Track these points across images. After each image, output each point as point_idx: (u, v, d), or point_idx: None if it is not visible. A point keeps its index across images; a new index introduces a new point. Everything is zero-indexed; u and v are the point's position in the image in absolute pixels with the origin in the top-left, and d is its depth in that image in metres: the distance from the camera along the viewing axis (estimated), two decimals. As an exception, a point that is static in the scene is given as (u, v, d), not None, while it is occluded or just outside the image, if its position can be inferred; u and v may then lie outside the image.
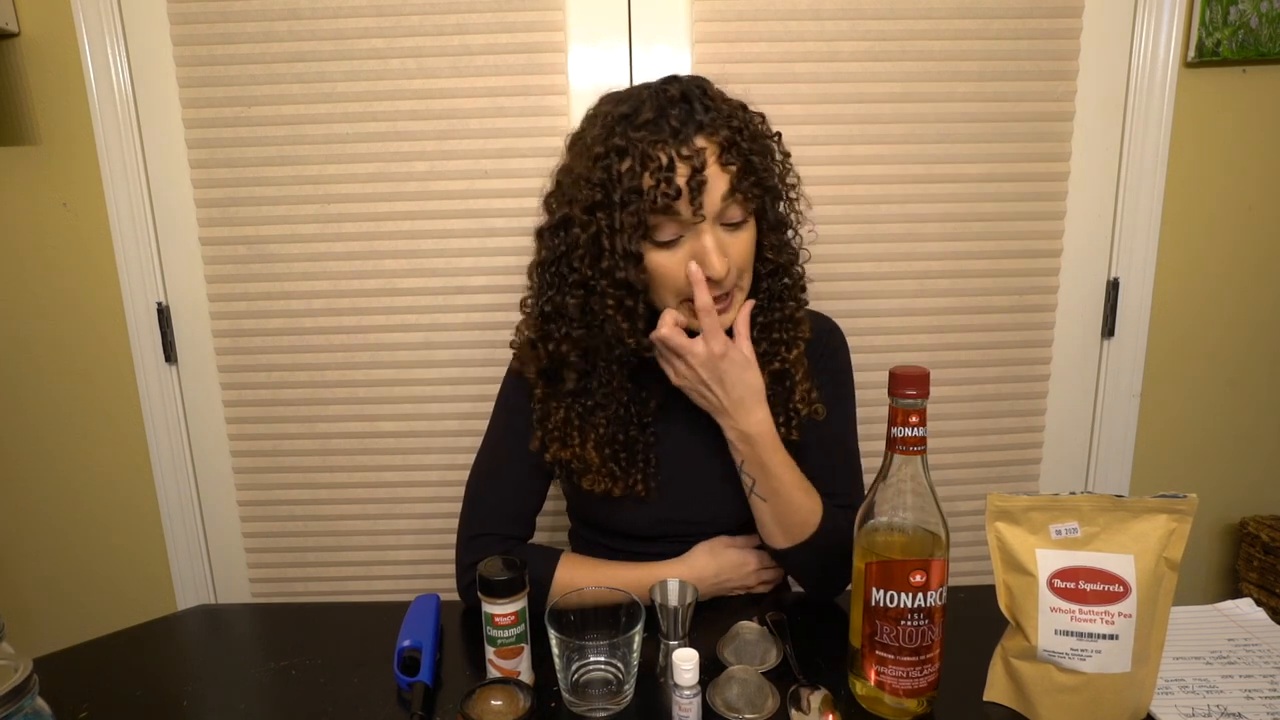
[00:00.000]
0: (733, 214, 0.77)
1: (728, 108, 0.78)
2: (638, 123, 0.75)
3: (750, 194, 0.76)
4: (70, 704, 0.70)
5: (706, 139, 0.75)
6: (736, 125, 0.76)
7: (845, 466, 0.91)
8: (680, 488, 0.88)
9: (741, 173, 0.75)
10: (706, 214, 0.75)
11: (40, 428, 1.36)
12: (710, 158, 0.74)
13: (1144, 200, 1.26)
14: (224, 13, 1.20)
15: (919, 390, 0.61)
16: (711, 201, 0.75)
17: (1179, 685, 0.67)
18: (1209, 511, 1.40)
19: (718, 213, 0.76)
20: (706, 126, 0.75)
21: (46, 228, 1.28)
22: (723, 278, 0.76)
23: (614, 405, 0.84)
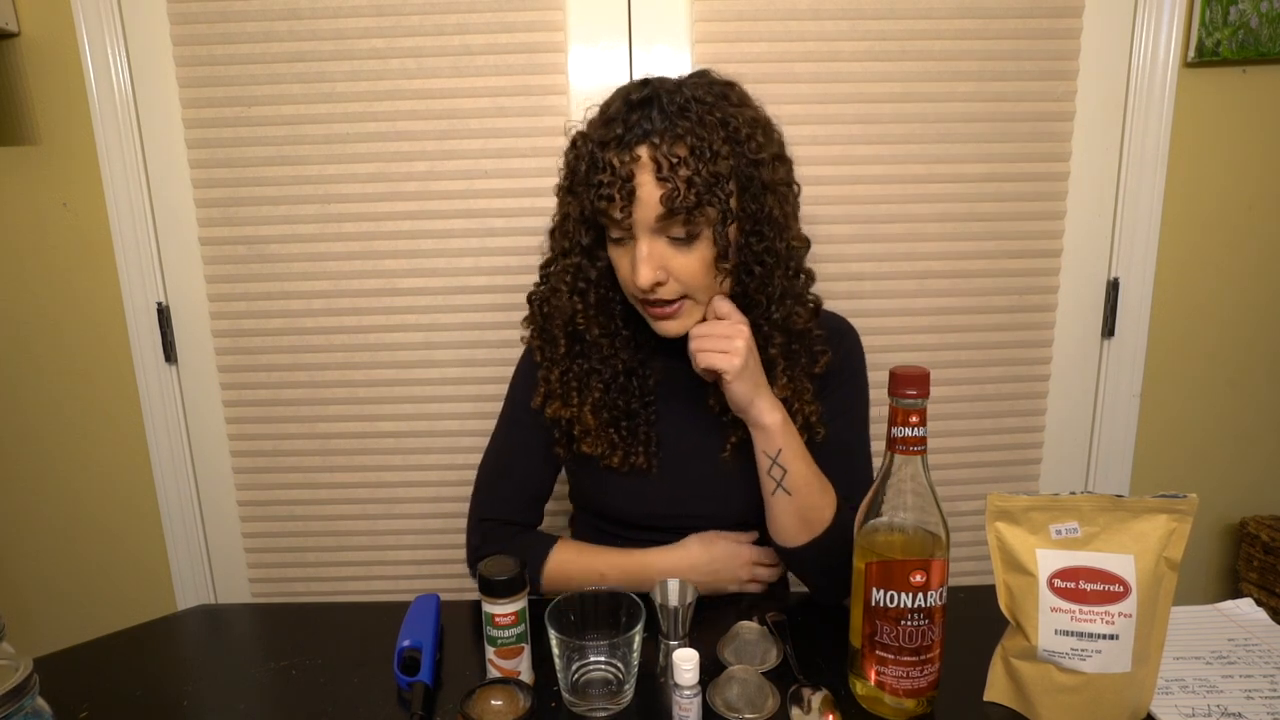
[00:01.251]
0: (674, 230, 0.75)
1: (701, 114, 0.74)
2: (602, 120, 0.77)
3: (690, 213, 0.73)
4: (70, 704, 0.70)
5: (651, 149, 0.73)
6: (700, 137, 0.73)
7: (861, 470, 0.90)
8: (682, 471, 0.88)
9: (683, 191, 0.72)
10: (637, 224, 0.75)
11: (40, 428, 1.36)
12: (645, 170, 0.73)
13: (1144, 200, 1.26)
14: (224, 13, 1.20)
15: (919, 390, 0.61)
16: (643, 213, 0.74)
17: (1179, 685, 0.67)
18: (1209, 511, 1.40)
19: (651, 225, 0.74)
20: (654, 134, 0.73)
21: (46, 228, 1.28)
22: (646, 290, 0.76)
23: (608, 371, 0.85)
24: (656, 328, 0.82)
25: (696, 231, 0.75)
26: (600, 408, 0.86)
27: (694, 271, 0.77)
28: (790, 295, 0.82)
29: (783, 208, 0.79)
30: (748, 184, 0.77)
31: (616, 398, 0.86)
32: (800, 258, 0.83)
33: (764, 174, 0.77)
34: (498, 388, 0.97)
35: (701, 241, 0.76)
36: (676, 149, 0.73)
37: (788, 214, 0.80)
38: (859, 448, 0.91)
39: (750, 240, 0.78)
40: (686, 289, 0.78)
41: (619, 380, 0.86)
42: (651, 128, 0.73)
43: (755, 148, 0.76)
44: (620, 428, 0.86)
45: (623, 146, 0.74)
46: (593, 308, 0.84)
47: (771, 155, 0.78)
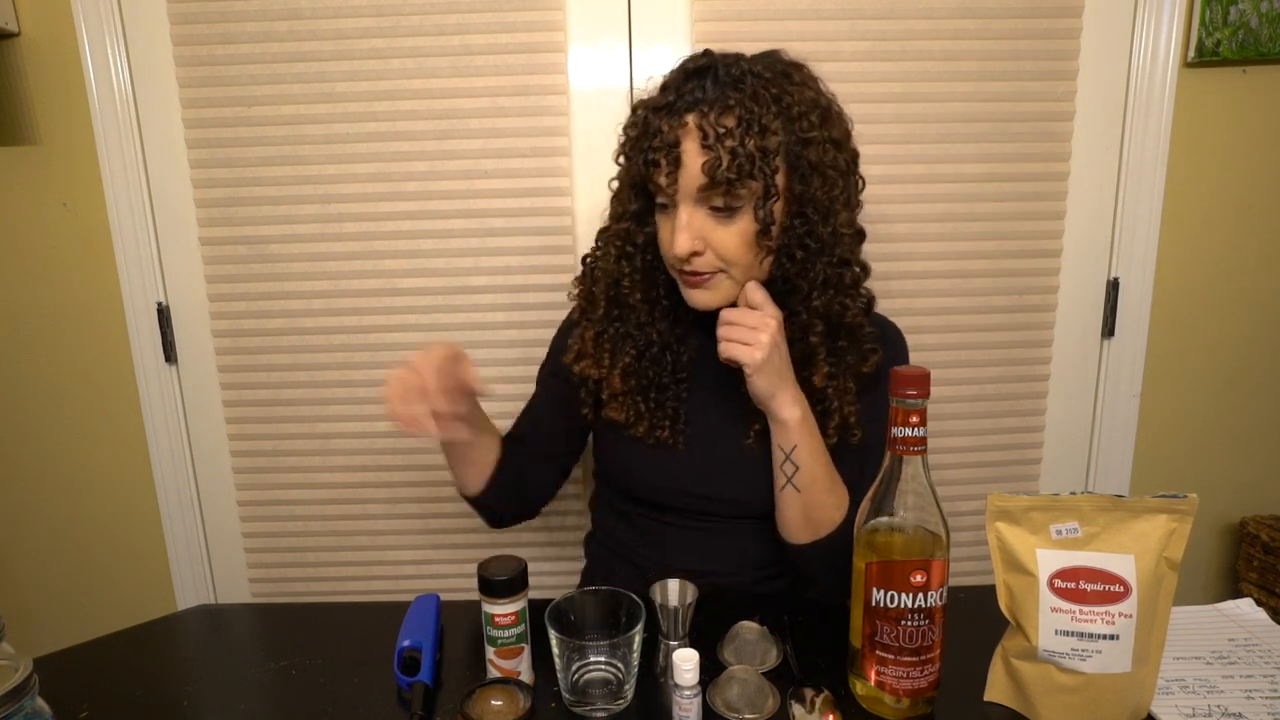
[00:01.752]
0: (715, 201, 0.75)
1: (756, 88, 0.73)
2: (659, 88, 0.78)
3: (731, 185, 0.73)
4: (70, 704, 0.70)
5: (700, 117, 0.73)
6: (750, 110, 0.72)
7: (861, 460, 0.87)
8: (708, 450, 0.87)
9: (725, 161, 0.72)
10: (679, 191, 0.76)
11: (40, 427, 1.36)
12: (691, 137, 0.73)
13: (1144, 200, 1.26)
14: (224, 13, 1.20)
15: (919, 390, 0.61)
16: (686, 180, 0.75)
17: (1179, 685, 0.67)
18: (1209, 511, 1.40)
19: (693, 194, 0.75)
20: (704, 103, 0.73)
21: (46, 228, 1.28)
22: (682, 258, 0.77)
23: (643, 339, 0.86)
24: (687, 296, 0.82)
25: (737, 204, 0.75)
26: (630, 374, 0.86)
27: (732, 246, 0.77)
28: (834, 285, 0.80)
29: (829, 192, 0.77)
30: (796, 163, 0.76)
31: (648, 367, 0.87)
32: (849, 247, 0.81)
33: (812, 154, 0.76)
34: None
35: (743, 216, 0.76)
36: (725, 119, 0.73)
37: (835, 199, 0.78)
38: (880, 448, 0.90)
39: (795, 222, 0.78)
40: (724, 263, 0.78)
41: (652, 350, 0.87)
42: (703, 96, 0.74)
43: (807, 126, 0.75)
44: (649, 398, 0.87)
45: (673, 113, 0.75)
46: (637, 272, 0.84)
47: (825, 138, 0.77)
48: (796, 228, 0.77)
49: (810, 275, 0.79)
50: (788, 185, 0.77)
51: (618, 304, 0.87)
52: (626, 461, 0.90)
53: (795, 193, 0.77)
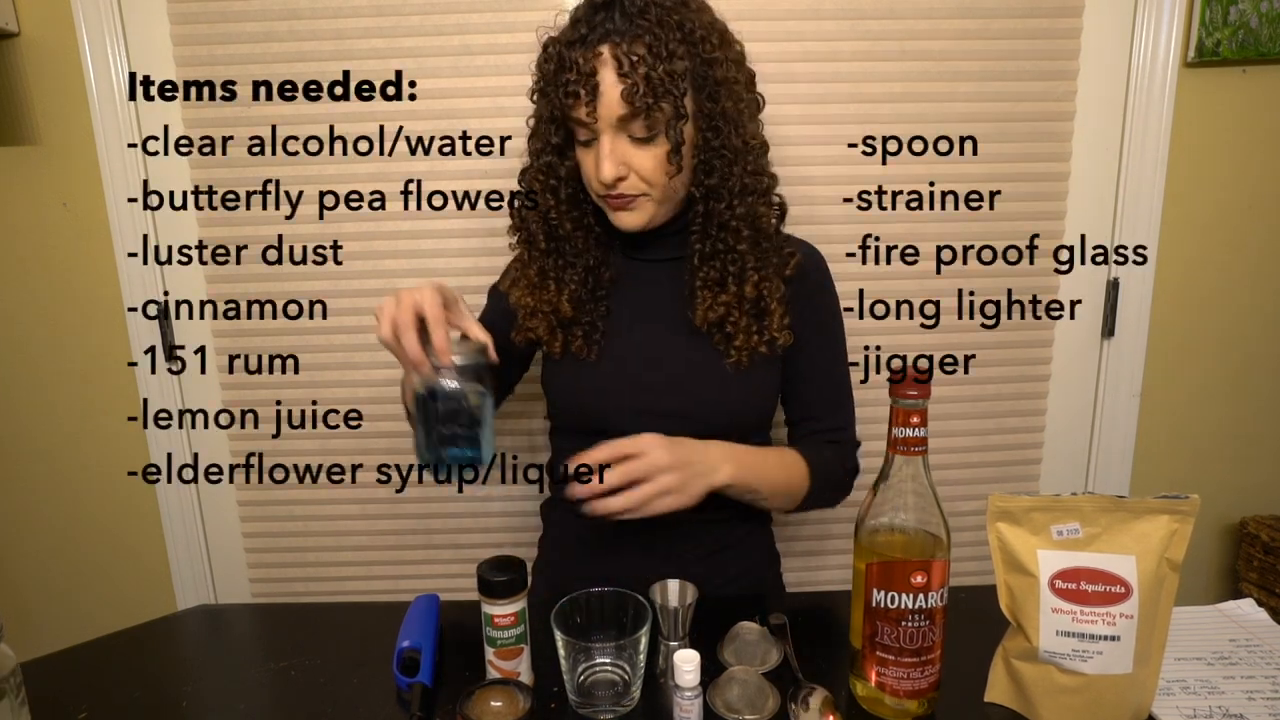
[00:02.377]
0: (635, 128, 0.78)
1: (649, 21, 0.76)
2: (572, 22, 0.80)
3: (650, 110, 0.76)
4: (70, 704, 0.70)
5: (613, 47, 0.76)
6: (658, 37, 0.76)
7: (836, 399, 0.96)
8: (623, 361, 0.90)
9: (644, 84, 0.75)
10: (600, 121, 0.78)
11: (40, 427, 1.36)
12: (608, 66, 0.76)
13: (1144, 200, 1.26)
14: (224, 13, 1.19)
15: (920, 391, 0.61)
16: (606, 109, 0.77)
17: (1180, 686, 0.67)
18: (1209, 511, 1.40)
19: (613, 122, 0.78)
20: (614, 34, 0.76)
21: (46, 228, 1.28)
22: (608, 184, 0.80)
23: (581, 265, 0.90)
24: (614, 219, 0.85)
25: (656, 129, 0.78)
26: (576, 299, 0.90)
27: (651, 167, 0.80)
28: (753, 192, 0.84)
29: (737, 105, 0.81)
30: (703, 83, 0.79)
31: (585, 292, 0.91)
32: (760, 157, 0.86)
33: (718, 72, 0.79)
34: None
35: (660, 139, 0.79)
36: (636, 47, 0.76)
37: (742, 111, 0.82)
38: (835, 374, 0.96)
39: (707, 137, 0.81)
40: (646, 184, 0.82)
41: (590, 276, 0.91)
42: (613, 27, 0.76)
43: (709, 48, 0.79)
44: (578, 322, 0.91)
45: (586, 45, 0.78)
46: (564, 203, 0.88)
47: (727, 57, 0.81)
48: (710, 141, 0.81)
49: (730, 184, 0.82)
50: (697, 105, 0.80)
51: (554, 237, 0.90)
52: (550, 385, 0.95)
53: (705, 110, 0.80)
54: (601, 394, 0.90)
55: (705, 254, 0.85)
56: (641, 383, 0.89)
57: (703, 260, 0.86)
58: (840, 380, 0.96)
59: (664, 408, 0.87)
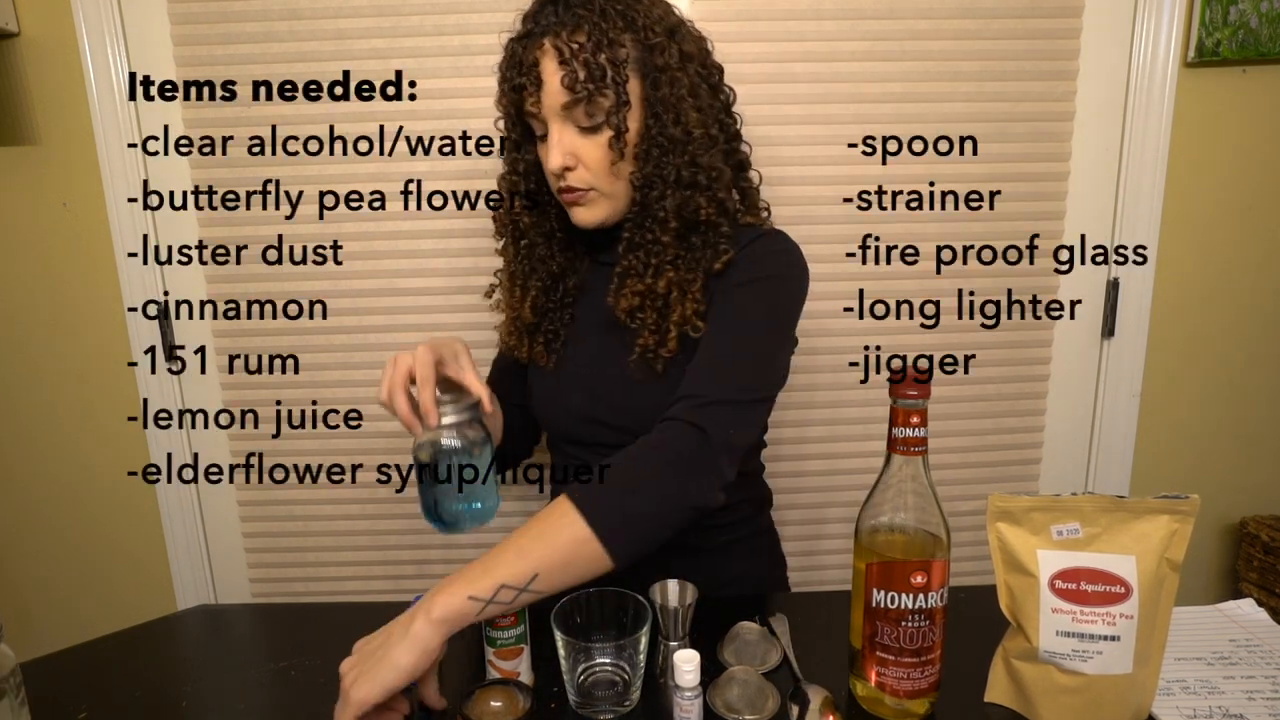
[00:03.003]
0: (579, 117, 0.79)
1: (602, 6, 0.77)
2: (520, 23, 0.82)
3: (592, 97, 0.77)
4: (69, 704, 0.70)
5: (554, 38, 0.77)
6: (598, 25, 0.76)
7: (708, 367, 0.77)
8: (577, 371, 0.90)
9: (582, 75, 0.76)
10: (546, 111, 0.79)
11: (40, 428, 1.36)
12: (549, 57, 0.77)
13: (1144, 200, 1.26)
14: (224, 13, 1.20)
15: (920, 391, 0.61)
16: (549, 99, 0.78)
17: (1180, 686, 0.67)
18: (1209, 511, 1.40)
19: (558, 111, 0.79)
20: (556, 25, 0.77)
21: (46, 228, 1.28)
22: (557, 172, 0.81)
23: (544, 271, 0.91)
24: (572, 216, 0.86)
25: (599, 116, 0.79)
26: (538, 307, 0.91)
27: (597, 157, 0.80)
28: (691, 185, 0.81)
29: (676, 92, 0.80)
30: (647, 70, 0.80)
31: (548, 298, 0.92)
32: (703, 149, 0.81)
33: (659, 60, 0.79)
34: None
35: (606, 128, 0.80)
36: (576, 36, 0.77)
37: (683, 99, 0.80)
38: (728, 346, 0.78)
39: (649, 123, 0.81)
40: (594, 178, 0.82)
41: (552, 282, 0.92)
42: (556, 20, 0.78)
43: (651, 35, 0.79)
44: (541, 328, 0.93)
45: (531, 39, 0.79)
46: (527, 199, 0.90)
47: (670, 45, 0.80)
48: (650, 128, 0.81)
49: (664, 173, 0.81)
50: (643, 94, 0.80)
51: (521, 240, 0.92)
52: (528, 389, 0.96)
53: (649, 99, 0.80)
54: (558, 403, 0.91)
55: (632, 243, 0.84)
56: (594, 392, 0.88)
57: (628, 249, 0.84)
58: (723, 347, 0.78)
59: (617, 420, 0.87)
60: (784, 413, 1.32)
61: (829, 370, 1.30)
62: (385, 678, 0.61)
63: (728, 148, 0.88)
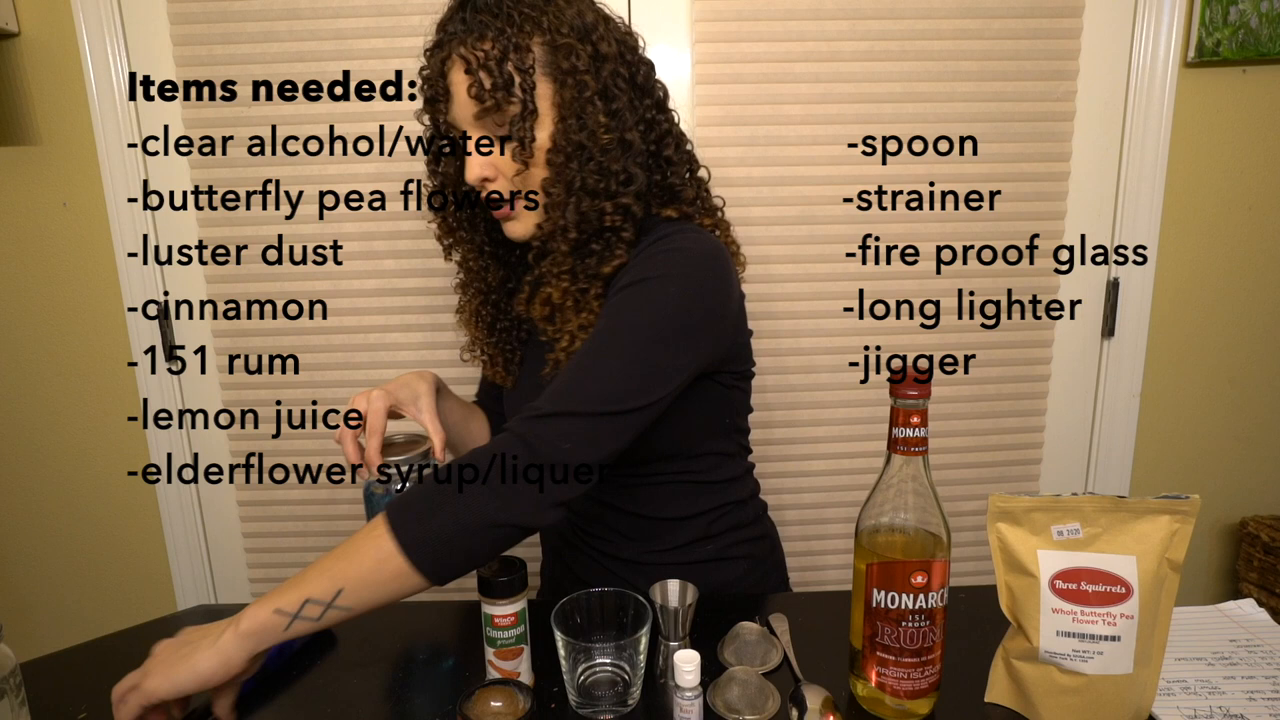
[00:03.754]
0: (489, 127, 0.78)
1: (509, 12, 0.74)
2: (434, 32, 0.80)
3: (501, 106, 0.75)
4: (70, 705, 0.70)
5: (461, 46, 0.75)
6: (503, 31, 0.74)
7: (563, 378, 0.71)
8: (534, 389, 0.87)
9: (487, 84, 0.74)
10: (459, 123, 0.78)
11: (40, 428, 1.36)
12: (456, 68, 0.76)
13: (1144, 200, 1.26)
14: (224, 13, 1.20)
15: (920, 391, 0.61)
16: (459, 110, 0.77)
17: (1181, 686, 0.67)
18: (1209, 511, 1.40)
19: (470, 123, 0.78)
20: (462, 35, 0.75)
21: (46, 228, 1.28)
22: (475, 185, 0.80)
23: (481, 283, 0.91)
24: (505, 230, 0.84)
25: (510, 126, 0.76)
26: (478, 318, 0.92)
27: (514, 166, 0.78)
28: (595, 192, 0.77)
29: (581, 94, 0.76)
30: (557, 75, 0.76)
31: (489, 311, 0.92)
32: (614, 155, 0.77)
33: (564, 63, 0.76)
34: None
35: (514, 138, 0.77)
36: (482, 44, 0.75)
37: (586, 102, 0.76)
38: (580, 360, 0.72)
39: (558, 129, 0.77)
40: (514, 187, 0.80)
41: (492, 295, 0.92)
42: (463, 27, 0.76)
43: (558, 38, 0.75)
44: (489, 342, 0.93)
45: (440, 48, 0.77)
46: (451, 219, 0.90)
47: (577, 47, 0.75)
48: (558, 135, 0.77)
49: (569, 180, 0.77)
50: (556, 100, 0.77)
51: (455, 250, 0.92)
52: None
53: (558, 104, 0.77)
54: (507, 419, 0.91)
55: (540, 252, 0.81)
56: None
57: (537, 258, 0.82)
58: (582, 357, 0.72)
59: None
60: (784, 413, 1.32)
61: (829, 370, 1.30)
62: (180, 679, 0.60)
63: (652, 149, 0.82)
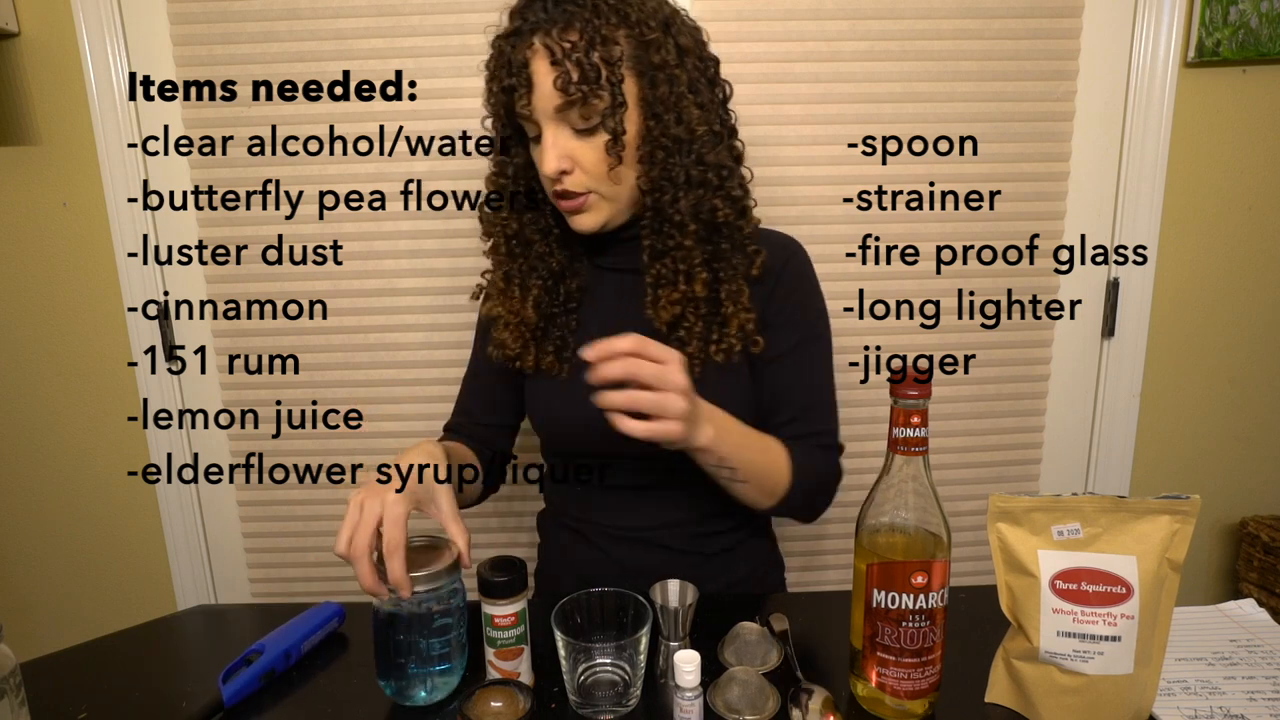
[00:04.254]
0: (573, 118, 0.76)
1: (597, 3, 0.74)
2: (508, 19, 0.78)
3: (586, 98, 0.74)
4: (69, 705, 0.70)
5: (544, 36, 0.74)
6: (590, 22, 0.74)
7: (821, 404, 0.89)
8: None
9: (575, 76, 0.73)
10: (539, 114, 0.76)
11: (40, 428, 1.36)
12: (539, 57, 0.74)
13: (1144, 200, 1.26)
14: (224, 13, 1.19)
15: (920, 391, 0.61)
16: (541, 101, 0.75)
17: (1181, 687, 0.67)
18: (1209, 511, 1.40)
19: (552, 114, 0.76)
20: (546, 23, 0.74)
21: (46, 228, 1.28)
22: (552, 177, 0.78)
23: (544, 269, 0.87)
24: (571, 223, 0.83)
25: (595, 118, 0.76)
26: (540, 305, 0.87)
27: (595, 160, 0.78)
28: (701, 184, 0.80)
29: (675, 89, 0.77)
30: (643, 68, 0.77)
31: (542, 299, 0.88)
32: (709, 147, 0.80)
33: (655, 57, 0.76)
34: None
35: (602, 130, 0.77)
36: (568, 34, 0.74)
37: (683, 96, 0.78)
38: (821, 380, 0.89)
39: (650, 124, 0.78)
40: (592, 181, 0.79)
41: (547, 284, 0.88)
42: (545, 17, 0.74)
43: (647, 31, 0.76)
44: (537, 329, 0.88)
45: (520, 37, 0.76)
46: (521, 200, 0.86)
47: (667, 40, 0.77)
48: (652, 130, 0.78)
49: (673, 175, 0.79)
50: (640, 93, 0.78)
51: (516, 238, 0.88)
52: (529, 400, 0.92)
53: (647, 98, 0.77)
54: (571, 412, 0.86)
55: (655, 251, 0.82)
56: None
57: (653, 258, 0.82)
58: (824, 382, 0.89)
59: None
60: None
61: (829, 370, 1.31)
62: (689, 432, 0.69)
63: (730, 144, 0.86)
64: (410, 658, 0.67)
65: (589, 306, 0.90)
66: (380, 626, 0.67)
